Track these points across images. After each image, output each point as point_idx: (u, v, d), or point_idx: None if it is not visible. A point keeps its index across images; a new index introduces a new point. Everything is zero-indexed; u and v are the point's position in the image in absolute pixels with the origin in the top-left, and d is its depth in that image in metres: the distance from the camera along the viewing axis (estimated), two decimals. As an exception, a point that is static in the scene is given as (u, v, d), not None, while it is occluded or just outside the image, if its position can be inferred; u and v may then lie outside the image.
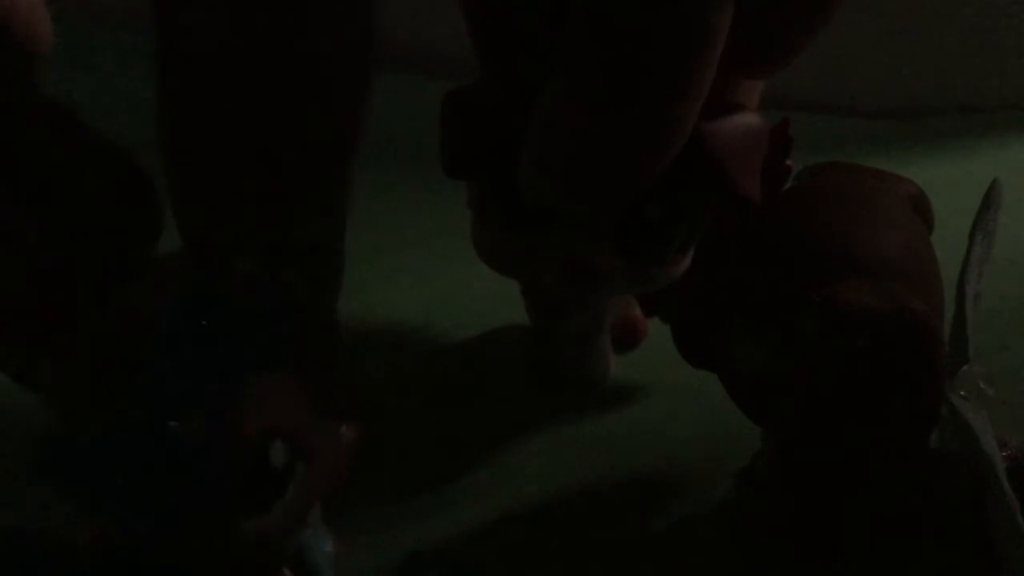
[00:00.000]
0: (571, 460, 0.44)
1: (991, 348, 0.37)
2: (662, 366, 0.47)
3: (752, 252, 0.37)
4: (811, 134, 0.67)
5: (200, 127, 0.33)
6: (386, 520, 0.41)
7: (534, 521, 0.42)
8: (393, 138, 0.44)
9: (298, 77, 0.32)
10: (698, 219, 0.39)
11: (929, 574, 0.34)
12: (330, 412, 0.31)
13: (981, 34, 0.70)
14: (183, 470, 0.28)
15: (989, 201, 0.37)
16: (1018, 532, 0.31)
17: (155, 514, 0.28)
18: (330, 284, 0.36)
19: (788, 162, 0.39)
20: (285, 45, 0.31)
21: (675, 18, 0.32)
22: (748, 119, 0.38)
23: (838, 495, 0.35)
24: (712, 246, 0.40)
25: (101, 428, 0.28)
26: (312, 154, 0.35)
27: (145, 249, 0.34)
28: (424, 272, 0.55)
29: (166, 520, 0.28)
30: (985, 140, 0.68)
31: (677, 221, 0.38)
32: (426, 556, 0.40)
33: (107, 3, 0.75)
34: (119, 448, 0.28)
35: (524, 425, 0.46)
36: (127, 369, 0.28)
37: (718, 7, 0.32)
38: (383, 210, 0.60)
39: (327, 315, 0.35)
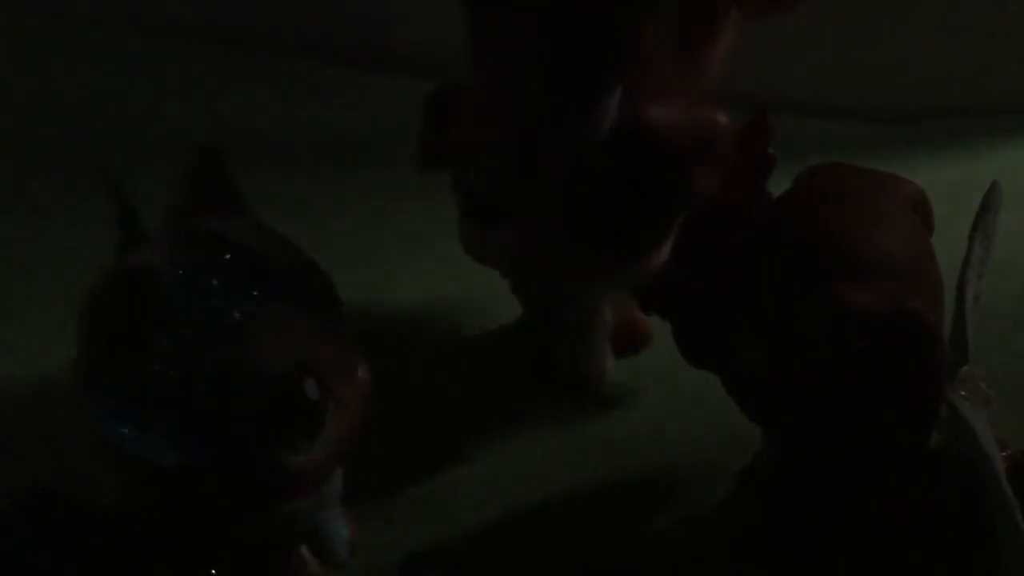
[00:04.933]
0: (571, 460, 0.44)
1: (991, 348, 0.37)
2: (662, 366, 0.47)
3: (753, 252, 0.37)
4: (812, 136, 0.67)
5: None
6: (386, 520, 0.41)
7: (534, 521, 0.42)
8: (394, 139, 0.44)
9: None
10: (662, 218, 0.39)
11: (929, 574, 0.34)
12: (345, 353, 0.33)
13: (981, 37, 0.70)
14: (221, 403, 0.30)
15: (988, 203, 0.37)
16: (1018, 532, 0.31)
17: (200, 448, 0.29)
18: None
19: (770, 151, 0.39)
20: None
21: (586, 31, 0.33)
22: (703, 113, 0.38)
23: (838, 495, 0.35)
24: (712, 247, 0.40)
25: (132, 372, 0.29)
26: None
27: None
28: (425, 272, 0.55)
29: (210, 453, 0.30)
30: (985, 142, 0.68)
31: (634, 219, 0.39)
32: (426, 556, 0.40)
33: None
34: (151, 387, 0.29)
35: (524, 426, 0.46)
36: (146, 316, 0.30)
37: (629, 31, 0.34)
38: (384, 210, 0.60)
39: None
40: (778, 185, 0.38)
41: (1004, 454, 0.34)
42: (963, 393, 0.34)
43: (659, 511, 0.42)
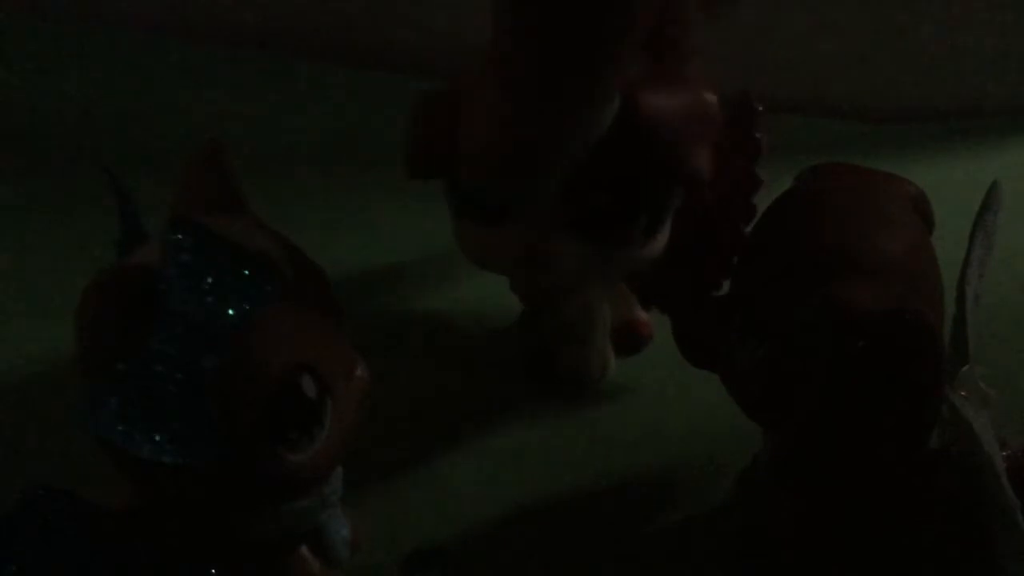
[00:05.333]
0: (571, 460, 0.44)
1: (991, 349, 0.37)
2: (662, 366, 0.47)
3: (754, 252, 0.37)
4: (812, 136, 0.67)
5: None
6: (387, 520, 0.41)
7: (534, 521, 0.42)
8: (394, 139, 0.44)
9: None
10: (659, 202, 0.40)
11: (929, 573, 0.34)
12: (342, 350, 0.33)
13: (982, 38, 0.71)
14: (220, 402, 0.29)
15: (989, 203, 0.37)
16: (1018, 531, 0.31)
17: (199, 448, 0.29)
18: None
19: (758, 134, 0.41)
20: None
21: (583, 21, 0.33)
22: (694, 96, 0.39)
23: (839, 495, 0.35)
24: (713, 245, 0.41)
25: (131, 372, 0.29)
26: None
27: None
28: (426, 272, 0.55)
29: (210, 452, 0.29)
30: (985, 142, 0.68)
31: (630, 205, 0.39)
32: (426, 555, 0.40)
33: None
34: (151, 386, 0.29)
35: (525, 425, 0.46)
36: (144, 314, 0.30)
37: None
38: (384, 209, 0.60)
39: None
40: (779, 185, 0.38)
41: (1004, 454, 0.33)
42: (963, 393, 0.34)
43: (660, 511, 0.42)
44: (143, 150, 0.61)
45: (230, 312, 0.30)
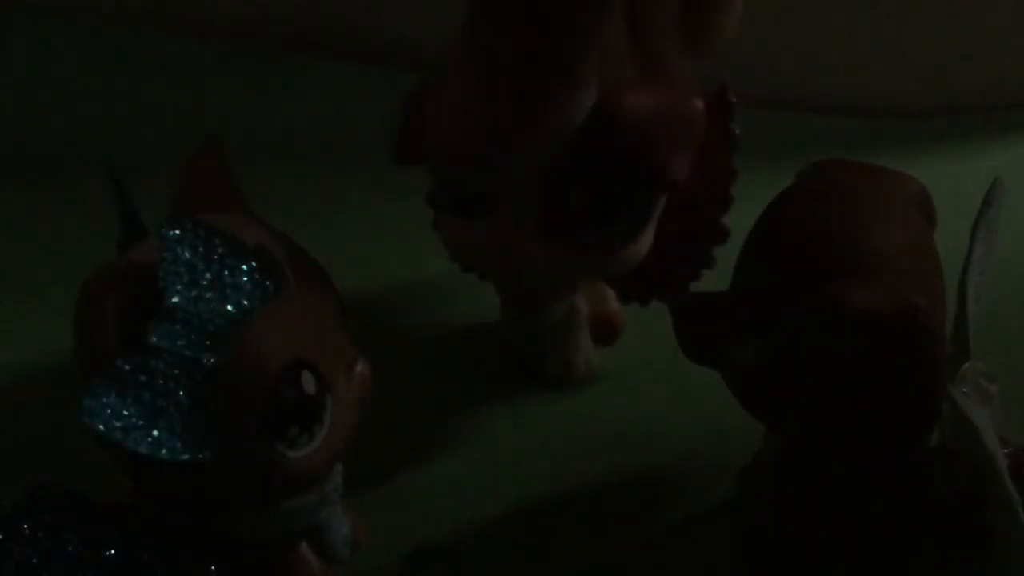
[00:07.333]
0: (571, 460, 0.44)
1: (992, 346, 0.37)
2: (662, 364, 0.47)
3: (755, 249, 0.37)
4: (814, 133, 0.67)
5: None
6: (386, 520, 0.41)
7: (534, 521, 0.42)
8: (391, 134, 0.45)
9: None
10: (638, 208, 0.40)
11: (930, 572, 0.34)
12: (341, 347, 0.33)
13: (982, 34, 0.70)
14: (219, 399, 0.29)
15: (991, 199, 0.37)
16: (1020, 529, 0.31)
17: (199, 444, 0.29)
18: None
19: (734, 126, 0.41)
20: None
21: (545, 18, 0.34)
22: (678, 100, 0.39)
23: (839, 493, 0.35)
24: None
25: (131, 369, 0.29)
26: None
27: None
28: (428, 273, 0.55)
29: (209, 450, 0.29)
30: (987, 139, 0.68)
31: (605, 210, 0.39)
32: (426, 554, 0.40)
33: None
34: (150, 383, 0.29)
35: (524, 425, 0.46)
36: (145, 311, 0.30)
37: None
38: (382, 205, 0.60)
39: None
40: (780, 182, 0.38)
41: (1006, 451, 0.33)
42: (964, 390, 0.34)
43: (660, 510, 0.42)
44: (143, 150, 0.61)
45: (229, 309, 0.30)
